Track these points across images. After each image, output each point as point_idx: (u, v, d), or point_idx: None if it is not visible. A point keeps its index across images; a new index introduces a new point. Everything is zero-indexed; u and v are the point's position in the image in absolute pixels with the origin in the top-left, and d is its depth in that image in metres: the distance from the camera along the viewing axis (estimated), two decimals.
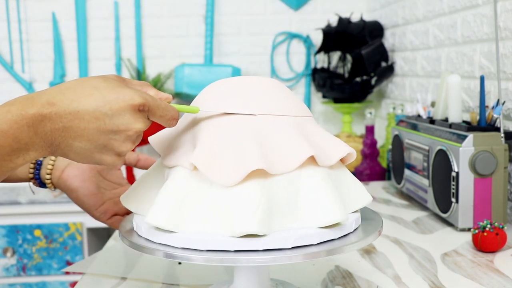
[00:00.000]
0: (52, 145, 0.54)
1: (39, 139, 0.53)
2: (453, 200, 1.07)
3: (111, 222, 0.82)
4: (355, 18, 2.16)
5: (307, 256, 0.58)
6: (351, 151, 0.67)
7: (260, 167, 0.58)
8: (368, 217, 0.70)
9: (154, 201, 0.61)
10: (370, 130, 1.70)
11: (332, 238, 0.61)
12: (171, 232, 0.60)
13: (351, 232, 0.63)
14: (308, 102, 2.35)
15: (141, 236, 0.64)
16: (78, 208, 2.32)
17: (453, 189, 1.07)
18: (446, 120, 1.21)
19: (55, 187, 0.80)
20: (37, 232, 1.99)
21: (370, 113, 1.71)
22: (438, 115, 1.26)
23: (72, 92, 0.54)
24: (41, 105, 0.53)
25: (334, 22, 2.16)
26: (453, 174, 1.06)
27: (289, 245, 0.59)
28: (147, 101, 0.56)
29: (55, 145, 0.54)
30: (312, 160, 0.62)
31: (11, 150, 0.52)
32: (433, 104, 1.36)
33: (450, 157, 1.08)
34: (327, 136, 0.68)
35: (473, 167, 1.05)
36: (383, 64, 2.02)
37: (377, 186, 1.56)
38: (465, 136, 1.06)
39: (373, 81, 2.05)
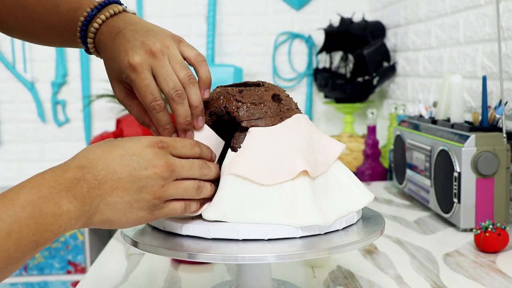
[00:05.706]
0: (90, 208, 0.53)
1: (79, 203, 0.52)
2: (455, 200, 1.07)
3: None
4: (357, 18, 2.16)
5: (308, 254, 0.58)
6: (341, 149, 0.68)
7: (246, 175, 0.61)
8: (370, 217, 0.70)
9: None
10: (372, 130, 1.70)
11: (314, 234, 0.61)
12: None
13: (338, 230, 0.63)
14: (310, 102, 2.35)
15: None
16: None
17: (455, 189, 1.06)
18: (448, 120, 1.21)
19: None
20: None
21: (372, 113, 1.71)
22: (440, 115, 1.25)
23: (93, 153, 0.55)
24: (72, 170, 0.53)
25: (336, 22, 2.16)
26: (455, 174, 1.06)
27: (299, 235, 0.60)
28: (163, 140, 0.58)
29: (94, 208, 0.54)
30: None
31: (54, 217, 0.51)
32: (435, 104, 1.36)
33: (452, 157, 1.07)
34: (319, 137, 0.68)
35: (475, 167, 1.04)
36: (385, 64, 2.02)
37: (379, 186, 1.56)
38: (467, 137, 1.05)
39: (375, 81, 2.04)
